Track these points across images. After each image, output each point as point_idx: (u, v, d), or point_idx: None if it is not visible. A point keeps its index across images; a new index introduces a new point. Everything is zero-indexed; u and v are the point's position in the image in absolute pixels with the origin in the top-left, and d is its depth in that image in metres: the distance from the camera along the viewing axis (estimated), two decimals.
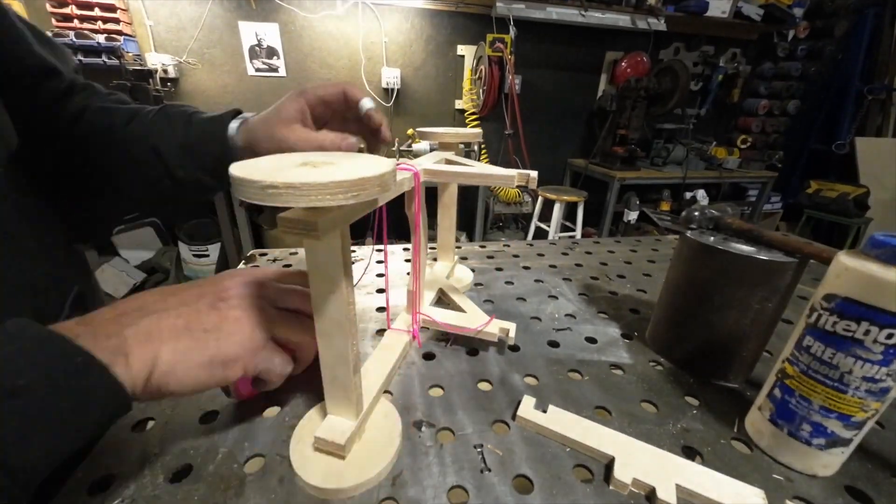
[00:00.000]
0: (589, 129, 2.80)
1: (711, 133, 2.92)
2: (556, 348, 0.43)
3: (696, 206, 0.41)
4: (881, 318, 0.24)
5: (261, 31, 2.09)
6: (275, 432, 0.31)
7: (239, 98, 2.19)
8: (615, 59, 2.61)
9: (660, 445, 0.30)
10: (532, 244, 0.73)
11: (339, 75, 2.26)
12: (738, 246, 0.36)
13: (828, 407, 0.27)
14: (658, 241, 0.78)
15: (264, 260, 0.65)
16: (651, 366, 0.41)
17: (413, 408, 0.34)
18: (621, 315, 0.50)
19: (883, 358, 0.24)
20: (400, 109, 2.42)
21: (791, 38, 2.80)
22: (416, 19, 2.25)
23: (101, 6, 1.84)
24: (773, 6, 2.49)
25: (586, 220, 2.46)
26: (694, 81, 2.74)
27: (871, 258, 0.25)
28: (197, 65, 2.07)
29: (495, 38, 2.19)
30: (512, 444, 0.31)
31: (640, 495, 0.27)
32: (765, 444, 0.31)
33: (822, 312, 0.27)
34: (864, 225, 2.74)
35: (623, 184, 2.40)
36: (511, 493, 0.27)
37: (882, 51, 2.83)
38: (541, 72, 2.54)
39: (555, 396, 0.36)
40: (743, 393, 0.37)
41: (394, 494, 0.26)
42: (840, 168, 3.01)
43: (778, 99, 2.89)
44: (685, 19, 2.39)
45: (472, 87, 2.43)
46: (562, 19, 2.18)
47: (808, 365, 0.28)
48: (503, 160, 2.67)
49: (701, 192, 2.78)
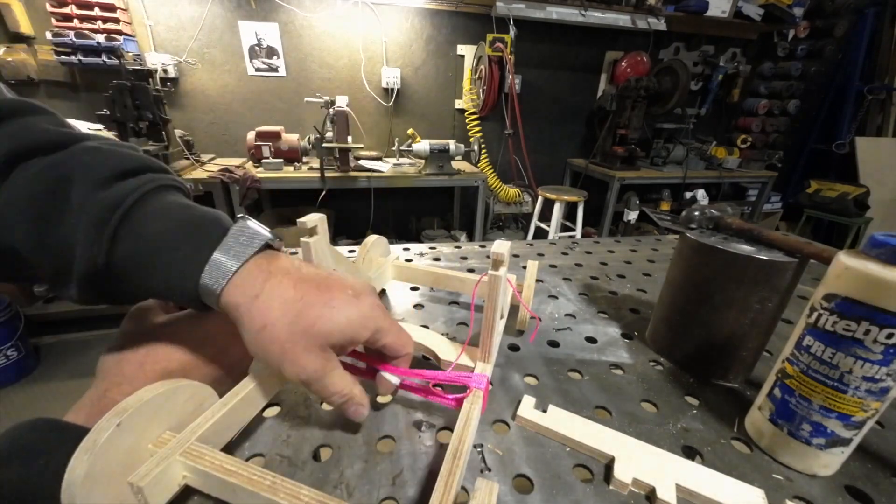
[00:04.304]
0: (589, 128, 2.80)
1: (711, 133, 2.92)
2: (556, 348, 0.43)
3: (696, 206, 0.41)
4: (881, 318, 0.24)
5: (261, 30, 2.09)
6: (275, 432, 0.31)
7: (239, 98, 2.19)
8: (615, 59, 2.61)
9: (660, 445, 0.30)
10: (532, 244, 0.73)
11: (339, 75, 2.26)
12: (738, 246, 0.36)
13: (828, 407, 0.27)
14: (658, 241, 0.78)
15: None
16: (651, 366, 0.41)
17: (413, 408, 0.34)
18: (621, 315, 0.50)
19: (883, 358, 0.24)
20: (400, 109, 2.42)
21: (791, 37, 2.80)
22: (416, 19, 2.25)
23: (100, 6, 1.84)
24: (773, 6, 2.49)
25: (586, 220, 2.46)
26: (694, 81, 2.74)
27: (871, 258, 0.25)
28: (197, 65, 2.07)
29: (495, 37, 2.19)
30: (512, 443, 0.31)
31: (640, 495, 0.27)
32: (765, 444, 0.31)
33: (822, 312, 0.27)
34: (864, 225, 2.74)
35: (623, 184, 2.40)
36: (511, 492, 0.27)
37: (882, 51, 2.83)
38: (541, 71, 2.54)
39: (555, 396, 0.36)
40: (743, 393, 0.37)
41: (394, 494, 0.26)
42: (840, 168, 3.01)
43: (778, 99, 2.89)
44: (685, 19, 2.39)
45: (472, 86, 2.43)
46: (562, 19, 2.18)
47: (808, 365, 0.28)
48: (503, 160, 2.67)
49: (701, 191, 2.78)
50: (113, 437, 0.22)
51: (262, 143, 1.89)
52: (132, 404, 0.23)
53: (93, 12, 1.83)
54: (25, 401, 1.49)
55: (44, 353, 1.73)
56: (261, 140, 1.89)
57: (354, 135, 2.14)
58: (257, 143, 1.89)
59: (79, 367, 1.66)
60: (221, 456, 0.24)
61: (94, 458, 0.21)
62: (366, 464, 0.28)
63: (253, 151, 1.90)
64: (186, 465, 0.24)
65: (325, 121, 1.81)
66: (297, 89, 2.22)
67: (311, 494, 0.22)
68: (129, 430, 0.23)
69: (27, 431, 0.24)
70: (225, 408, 0.27)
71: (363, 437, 0.31)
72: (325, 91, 2.09)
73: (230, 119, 2.22)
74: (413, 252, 0.69)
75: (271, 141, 1.91)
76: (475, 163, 2.25)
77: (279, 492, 0.22)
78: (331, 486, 0.27)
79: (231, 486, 0.23)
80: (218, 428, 0.27)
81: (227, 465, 0.23)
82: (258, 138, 1.89)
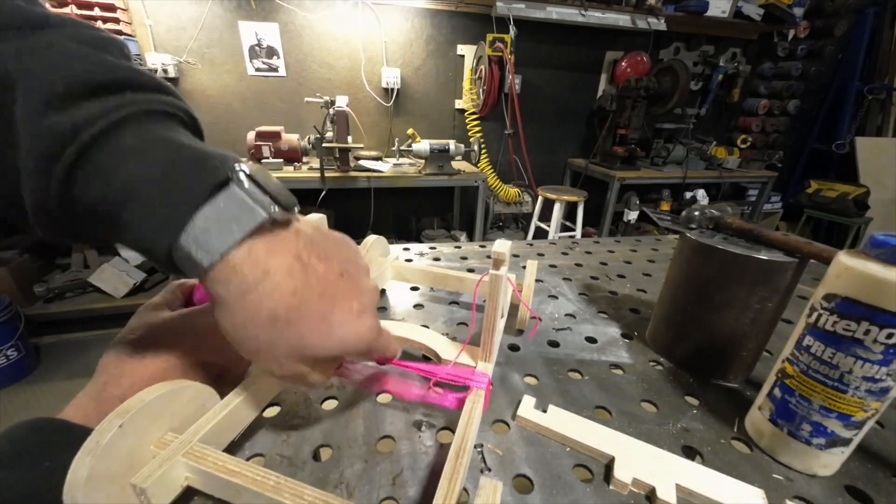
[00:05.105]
0: (589, 128, 2.80)
1: (711, 133, 2.91)
2: (556, 348, 0.43)
3: (696, 206, 0.41)
4: (881, 318, 0.24)
5: (261, 30, 2.09)
6: (275, 432, 0.31)
7: (239, 98, 2.19)
8: (615, 59, 2.61)
9: (660, 445, 0.30)
10: (532, 244, 0.73)
11: (339, 75, 2.25)
12: (738, 246, 0.36)
13: (828, 407, 0.27)
14: (658, 241, 0.78)
15: None
16: (651, 365, 0.41)
17: (413, 408, 0.34)
18: (621, 315, 0.50)
19: (883, 357, 0.24)
20: (400, 109, 2.42)
21: (791, 37, 2.80)
22: (416, 19, 2.25)
23: (100, 6, 1.83)
24: (773, 6, 2.49)
25: (586, 220, 2.46)
26: (694, 81, 2.74)
27: (871, 258, 0.25)
28: (197, 64, 2.07)
29: (495, 37, 2.19)
30: (512, 443, 0.31)
31: (640, 495, 0.27)
32: (765, 444, 0.31)
33: (822, 312, 0.27)
34: (864, 225, 2.74)
35: (623, 183, 2.40)
36: (511, 492, 0.27)
37: (882, 51, 2.82)
38: (541, 71, 2.54)
39: (555, 396, 0.36)
40: (743, 393, 0.37)
41: (394, 494, 0.26)
42: (840, 168, 3.01)
43: (778, 99, 2.89)
44: (685, 19, 2.39)
45: (472, 86, 2.42)
46: (562, 19, 2.18)
47: (808, 364, 0.28)
48: (503, 160, 2.67)
49: (701, 191, 2.78)
50: (115, 438, 0.22)
51: (262, 143, 1.89)
52: (134, 405, 0.23)
53: (93, 12, 1.83)
54: (25, 401, 1.49)
55: (44, 353, 1.73)
56: (261, 140, 1.89)
57: (354, 135, 2.14)
58: (257, 143, 1.88)
59: (79, 367, 1.66)
60: (224, 456, 0.24)
61: (97, 460, 0.21)
62: (366, 464, 0.28)
63: (253, 151, 1.90)
64: (189, 466, 0.24)
65: (325, 121, 1.81)
66: (297, 89, 2.22)
67: (316, 494, 0.22)
68: (132, 431, 0.23)
69: (30, 432, 0.24)
70: (227, 408, 0.27)
71: (363, 437, 0.31)
72: (325, 91, 2.09)
73: (230, 119, 2.22)
74: (413, 252, 0.69)
75: (271, 141, 1.90)
76: (475, 163, 2.25)
77: (283, 492, 0.22)
78: (331, 487, 0.27)
79: (235, 486, 0.23)
80: (220, 429, 0.27)
81: (231, 466, 0.23)
82: (258, 138, 1.89)
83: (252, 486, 0.22)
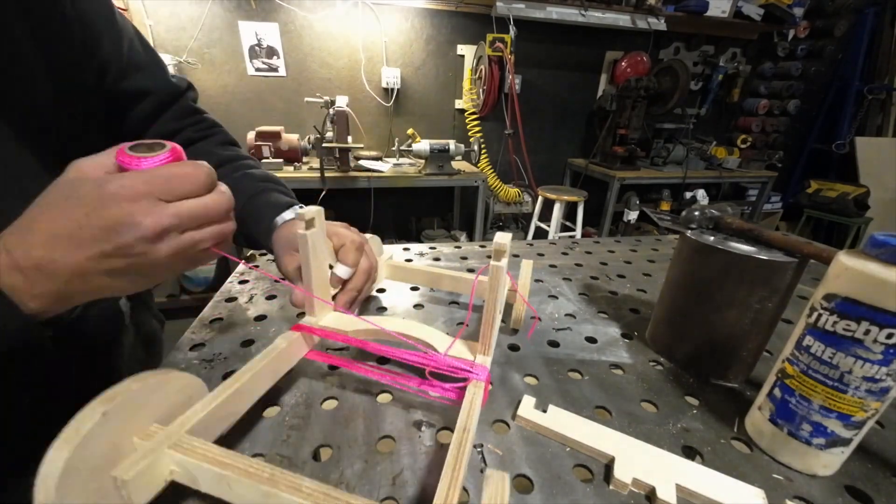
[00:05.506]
0: (589, 128, 2.80)
1: (711, 133, 2.91)
2: (556, 348, 0.43)
3: (696, 206, 0.41)
4: (881, 318, 0.24)
5: (261, 30, 2.08)
6: (275, 432, 0.31)
7: (239, 98, 2.19)
8: (615, 59, 2.61)
9: (660, 445, 0.30)
10: (532, 244, 0.73)
11: (339, 75, 2.25)
12: (738, 246, 0.36)
13: (828, 407, 0.27)
14: (658, 241, 0.78)
15: (264, 259, 0.65)
16: (651, 366, 0.41)
17: (413, 407, 0.34)
18: (621, 315, 0.50)
19: (883, 358, 0.24)
20: (400, 109, 2.42)
21: (791, 37, 2.80)
22: (416, 19, 2.25)
23: None
24: (773, 6, 2.49)
25: (586, 220, 2.46)
26: (694, 81, 2.74)
27: (871, 258, 0.25)
28: (197, 64, 2.07)
29: (495, 37, 2.19)
30: (512, 443, 0.31)
31: (640, 495, 0.27)
32: (765, 444, 0.31)
33: (822, 312, 0.27)
34: (864, 225, 2.74)
35: (623, 183, 2.39)
36: (511, 492, 0.27)
37: (882, 51, 2.82)
38: (541, 71, 2.54)
39: (555, 396, 0.36)
40: (743, 393, 0.37)
41: (394, 494, 0.26)
42: (840, 168, 3.01)
43: (778, 99, 2.89)
44: (685, 19, 2.39)
45: (472, 86, 2.42)
46: (562, 19, 2.18)
47: (808, 365, 0.28)
48: (503, 160, 2.67)
49: (701, 191, 2.78)
50: (97, 427, 0.20)
51: (262, 143, 1.89)
52: (119, 392, 0.22)
53: None
54: None
55: None
56: (261, 140, 1.89)
57: (354, 135, 2.13)
58: (257, 143, 1.88)
59: None
60: (215, 448, 0.23)
61: (75, 450, 0.19)
62: (366, 464, 0.28)
63: (253, 151, 1.90)
64: (175, 459, 0.22)
65: (325, 121, 1.81)
66: (297, 89, 2.22)
67: (313, 486, 0.21)
68: (115, 420, 0.21)
69: None
70: (216, 400, 0.26)
71: (363, 437, 0.31)
72: (325, 91, 2.09)
73: (230, 119, 2.21)
74: (413, 252, 0.69)
75: (271, 141, 1.90)
76: (475, 163, 2.25)
77: (279, 483, 0.21)
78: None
79: (226, 479, 0.22)
80: (209, 421, 0.26)
81: (222, 458, 0.22)
82: (258, 138, 1.89)
83: (245, 479, 0.21)
